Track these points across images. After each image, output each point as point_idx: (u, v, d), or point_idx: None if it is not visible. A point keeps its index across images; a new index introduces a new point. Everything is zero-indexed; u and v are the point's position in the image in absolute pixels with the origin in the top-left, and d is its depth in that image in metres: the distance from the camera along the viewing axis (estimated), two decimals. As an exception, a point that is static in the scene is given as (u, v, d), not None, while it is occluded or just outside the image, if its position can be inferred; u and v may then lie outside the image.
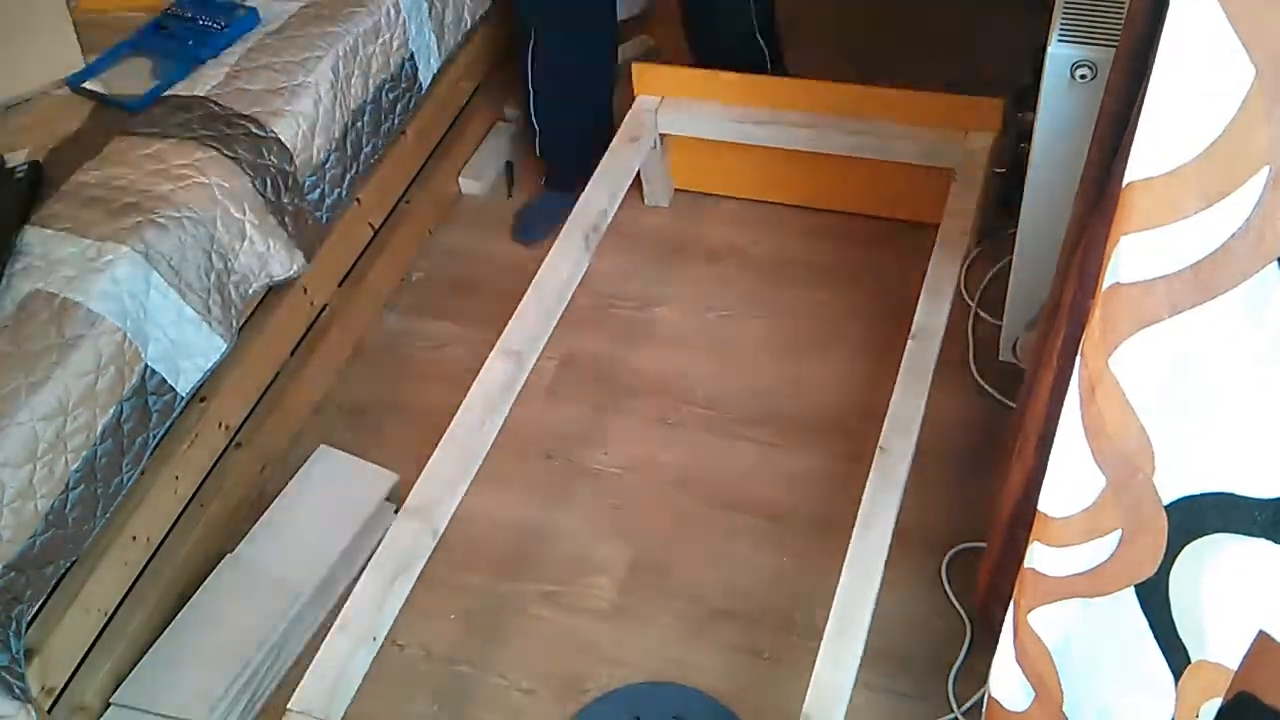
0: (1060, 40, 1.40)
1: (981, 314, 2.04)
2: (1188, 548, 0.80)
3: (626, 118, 2.19)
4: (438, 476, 1.60)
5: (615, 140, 2.16)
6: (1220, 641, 0.81)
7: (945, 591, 1.70)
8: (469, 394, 1.70)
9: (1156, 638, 0.88)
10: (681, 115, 2.20)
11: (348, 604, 1.49)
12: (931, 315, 1.76)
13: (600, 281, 2.24)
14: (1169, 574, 0.83)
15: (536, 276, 1.88)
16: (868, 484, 1.56)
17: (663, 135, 2.25)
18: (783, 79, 2.22)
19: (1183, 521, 0.80)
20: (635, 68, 2.22)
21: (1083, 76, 1.40)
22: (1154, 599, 0.86)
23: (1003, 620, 1.15)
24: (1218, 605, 0.80)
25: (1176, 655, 0.86)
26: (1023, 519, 1.28)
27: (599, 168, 2.09)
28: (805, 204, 2.32)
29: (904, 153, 2.06)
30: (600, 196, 2.03)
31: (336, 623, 1.47)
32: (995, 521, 1.47)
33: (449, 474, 1.60)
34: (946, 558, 1.73)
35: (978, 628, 1.65)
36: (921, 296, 1.80)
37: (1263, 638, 0.77)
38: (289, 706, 1.41)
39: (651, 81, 2.22)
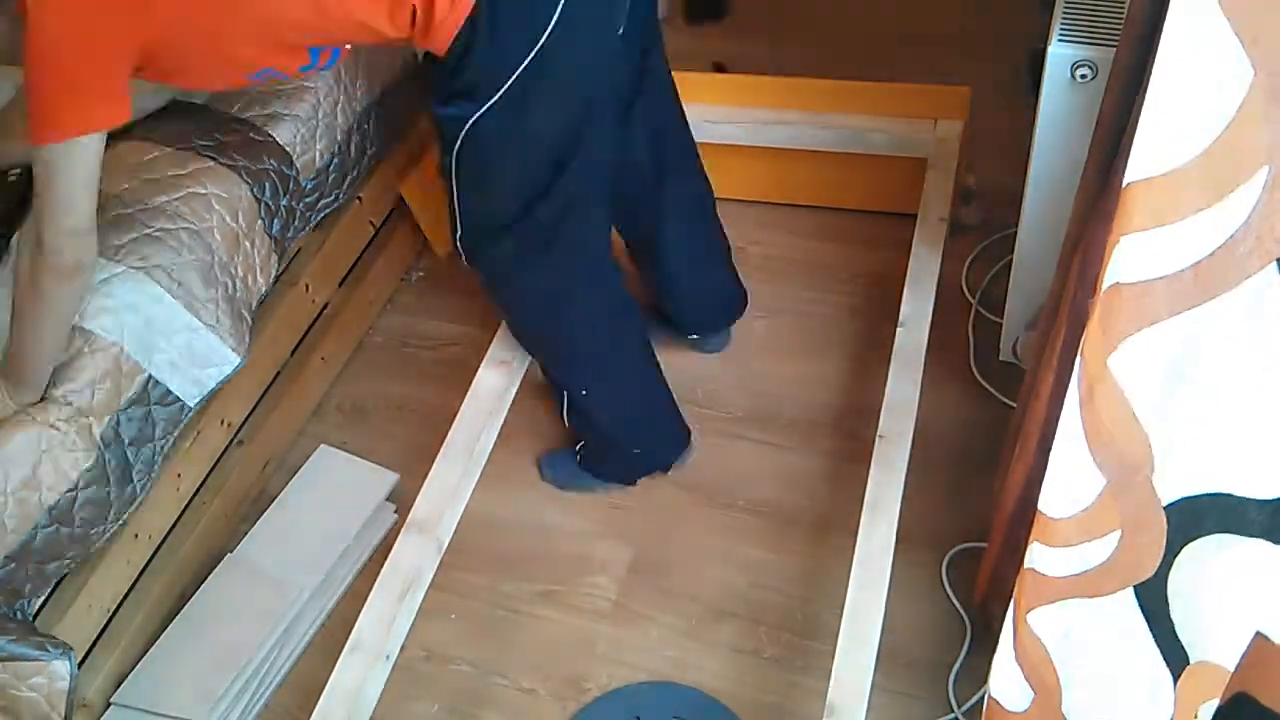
0: (1060, 40, 1.40)
1: (982, 313, 2.04)
2: (1186, 548, 0.80)
3: None
4: (438, 491, 1.61)
5: None
6: (1218, 642, 0.81)
7: (945, 591, 1.70)
8: (463, 406, 1.71)
9: (1155, 638, 0.88)
10: None
11: (358, 623, 1.49)
12: (917, 303, 1.78)
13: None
14: (1168, 575, 0.83)
15: None
16: (870, 472, 1.57)
17: None
18: (754, 77, 2.19)
19: (1182, 522, 0.80)
20: None
21: (1083, 76, 1.40)
22: (1153, 600, 0.86)
23: (1002, 620, 1.15)
24: (1216, 606, 0.80)
25: (1175, 656, 0.86)
26: (1023, 519, 1.29)
27: None
28: (783, 201, 2.32)
29: (875, 145, 2.07)
30: None
31: (348, 643, 1.47)
32: (995, 521, 1.47)
33: (449, 488, 1.61)
34: (946, 558, 1.73)
35: (977, 628, 1.65)
36: (906, 285, 1.82)
37: (1259, 638, 0.77)
38: None
39: None
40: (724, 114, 2.14)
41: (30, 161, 1.33)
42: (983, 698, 1.57)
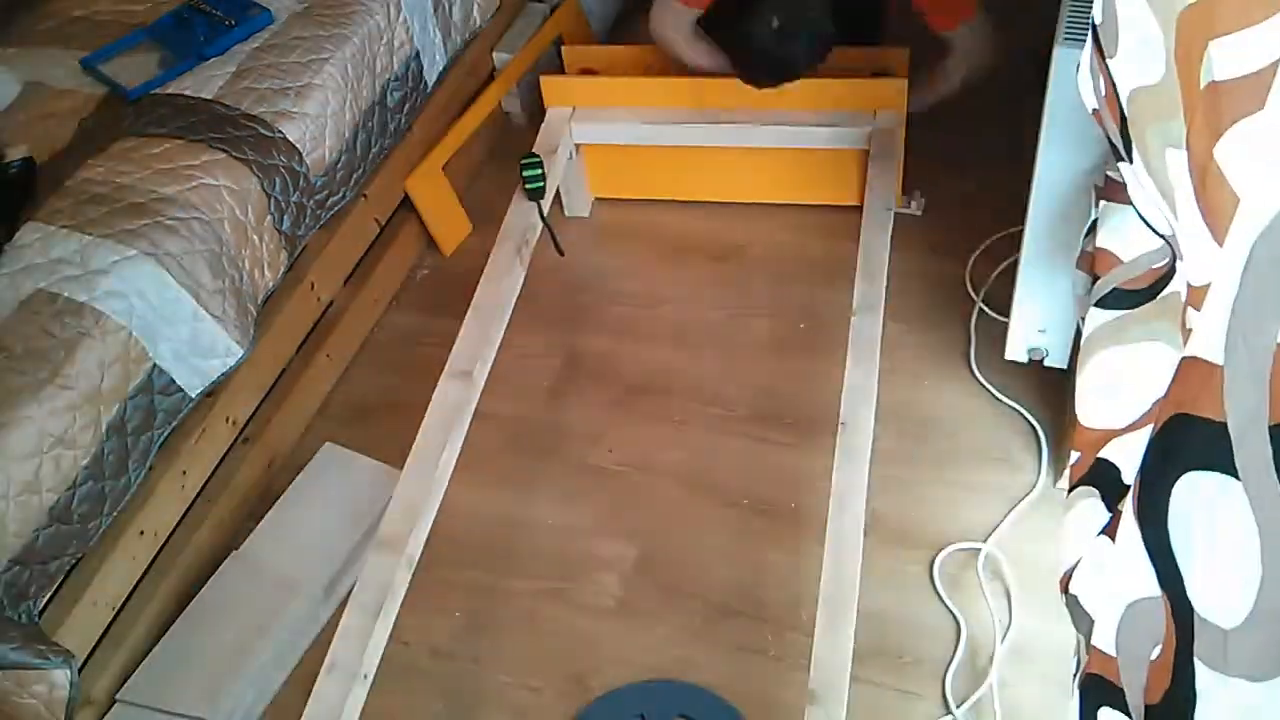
0: (1066, 40, 1.40)
1: (986, 310, 2.04)
2: None
3: (540, 132, 2.18)
4: (404, 507, 1.60)
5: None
6: None
7: (937, 591, 1.70)
8: (425, 419, 1.69)
9: None
10: (596, 124, 2.20)
11: (334, 643, 1.47)
12: (869, 292, 1.80)
13: (598, 280, 2.25)
14: None
15: (475, 297, 1.88)
16: (835, 461, 1.59)
17: (578, 145, 2.25)
18: (689, 79, 2.17)
19: None
20: (543, 80, 2.21)
21: (1089, 76, 1.40)
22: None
23: None
24: None
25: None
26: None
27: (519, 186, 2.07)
28: (727, 200, 2.34)
29: (817, 139, 2.10)
30: (527, 210, 2.03)
31: (325, 663, 1.45)
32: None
33: (415, 503, 1.60)
34: (939, 557, 1.73)
35: (971, 627, 1.65)
36: (857, 275, 1.83)
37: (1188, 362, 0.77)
38: None
39: (562, 93, 2.22)
40: (667, 115, 2.17)
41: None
42: (979, 697, 1.57)
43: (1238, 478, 0.65)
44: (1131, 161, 1.04)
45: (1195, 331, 0.73)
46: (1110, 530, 1.07)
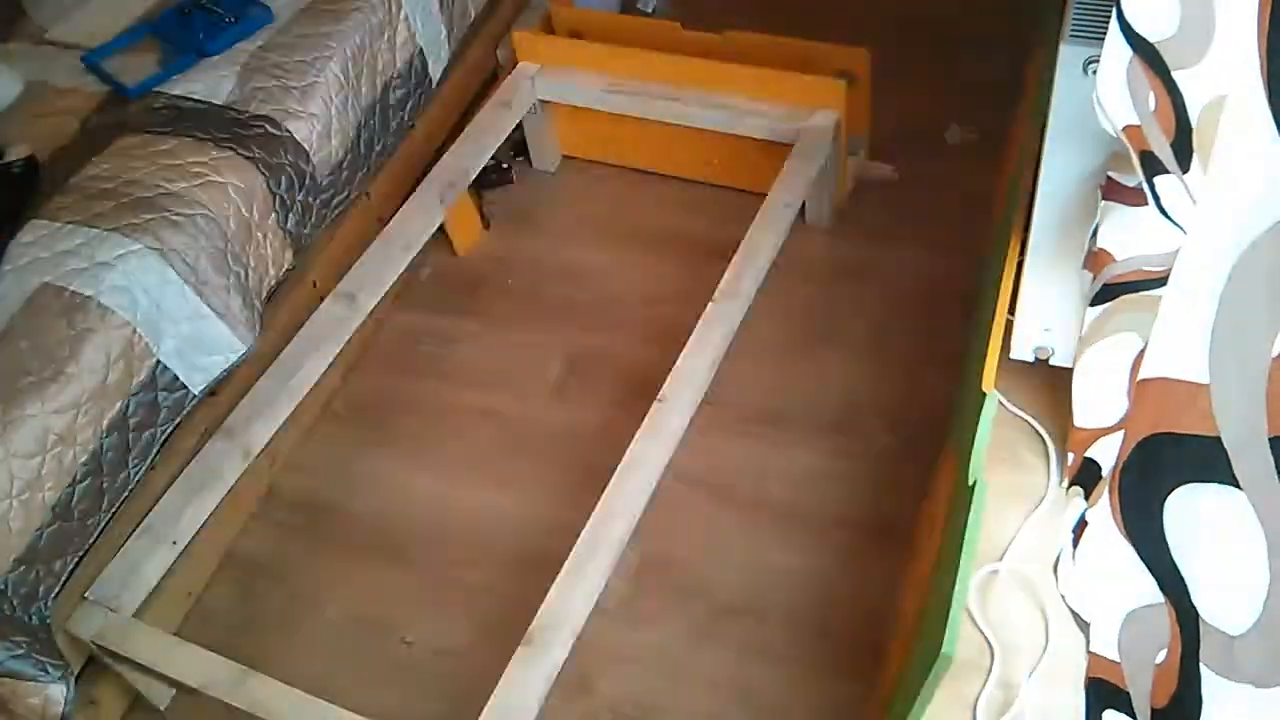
0: (1072, 38, 1.39)
1: (991, 312, 2.03)
2: None
3: (502, 83, 2.29)
4: (257, 401, 1.76)
5: (487, 104, 2.25)
6: None
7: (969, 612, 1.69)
8: (300, 330, 1.84)
9: None
10: (557, 83, 2.29)
11: (152, 511, 1.64)
12: (740, 280, 1.85)
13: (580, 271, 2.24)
14: None
15: (387, 227, 2.01)
16: (640, 431, 1.67)
17: (544, 101, 2.33)
18: (652, 52, 2.23)
19: None
20: (515, 35, 2.30)
21: (1095, 73, 1.39)
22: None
23: None
24: None
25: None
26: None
27: (467, 128, 2.20)
28: (681, 175, 2.38)
29: (752, 128, 2.13)
30: (466, 153, 2.15)
31: (139, 526, 1.63)
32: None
33: (267, 400, 1.75)
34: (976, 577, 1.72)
35: (1005, 647, 1.64)
36: (734, 259, 1.86)
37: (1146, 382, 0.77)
38: (85, 594, 1.56)
39: (531, 50, 2.31)
40: (598, 82, 2.25)
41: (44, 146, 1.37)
42: (982, 695, 1.57)
43: (1239, 488, 0.65)
44: (1187, 171, 1.01)
45: (1163, 353, 0.74)
46: (1078, 531, 1.08)
